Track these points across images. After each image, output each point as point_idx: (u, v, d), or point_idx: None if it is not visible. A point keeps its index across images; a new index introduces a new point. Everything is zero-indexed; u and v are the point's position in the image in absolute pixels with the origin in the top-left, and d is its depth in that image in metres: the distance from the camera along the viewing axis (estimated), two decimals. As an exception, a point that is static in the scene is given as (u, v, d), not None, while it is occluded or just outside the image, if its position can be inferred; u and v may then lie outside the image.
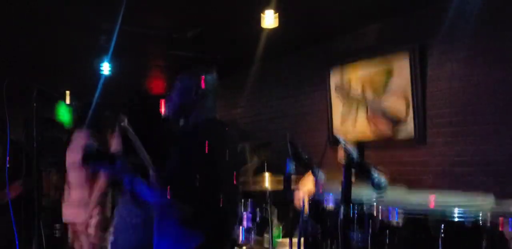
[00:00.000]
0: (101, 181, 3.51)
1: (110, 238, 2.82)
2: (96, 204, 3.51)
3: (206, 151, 2.00)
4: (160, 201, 2.02)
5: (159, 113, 2.78)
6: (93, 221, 3.53)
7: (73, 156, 3.56)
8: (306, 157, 2.24)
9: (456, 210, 1.64)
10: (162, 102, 2.81)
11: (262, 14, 4.01)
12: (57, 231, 4.47)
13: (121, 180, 2.39)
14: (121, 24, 4.05)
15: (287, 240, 3.65)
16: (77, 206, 3.49)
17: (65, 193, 3.66)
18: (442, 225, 1.61)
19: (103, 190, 3.55)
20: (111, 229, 2.81)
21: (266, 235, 3.64)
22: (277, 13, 4.00)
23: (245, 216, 3.69)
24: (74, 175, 3.54)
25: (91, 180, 3.53)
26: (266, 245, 3.68)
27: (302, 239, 2.34)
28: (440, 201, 1.72)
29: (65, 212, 3.60)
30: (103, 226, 3.52)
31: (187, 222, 2.00)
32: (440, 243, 1.57)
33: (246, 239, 3.71)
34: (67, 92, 2.12)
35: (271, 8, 3.86)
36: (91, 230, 3.54)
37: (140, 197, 2.13)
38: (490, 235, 1.55)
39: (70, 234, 3.73)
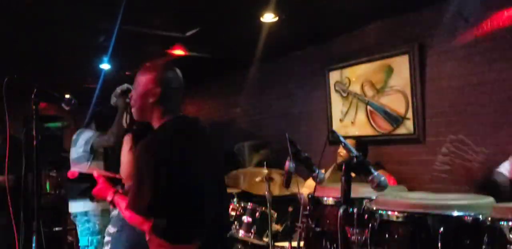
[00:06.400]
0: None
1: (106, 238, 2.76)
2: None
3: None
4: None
5: None
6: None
7: (75, 152, 3.63)
8: (306, 155, 2.24)
9: (455, 208, 1.64)
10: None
11: (261, 18, 4.04)
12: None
13: None
14: (120, 24, 4.05)
15: (286, 243, 3.65)
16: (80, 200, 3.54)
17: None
18: (442, 222, 1.61)
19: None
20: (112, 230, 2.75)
21: (265, 239, 3.63)
22: (277, 14, 4.02)
23: (244, 220, 3.68)
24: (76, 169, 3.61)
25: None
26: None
27: (301, 238, 2.34)
28: (440, 199, 1.73)
29: (71, 205, 3.66)
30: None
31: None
32: (439, 240, 1.58)
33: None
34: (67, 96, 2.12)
35: (270, 8, 3.86)
36: None
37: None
38: (490, 233, 1.55)
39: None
